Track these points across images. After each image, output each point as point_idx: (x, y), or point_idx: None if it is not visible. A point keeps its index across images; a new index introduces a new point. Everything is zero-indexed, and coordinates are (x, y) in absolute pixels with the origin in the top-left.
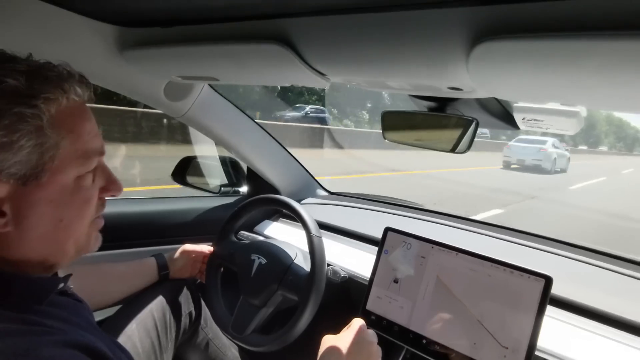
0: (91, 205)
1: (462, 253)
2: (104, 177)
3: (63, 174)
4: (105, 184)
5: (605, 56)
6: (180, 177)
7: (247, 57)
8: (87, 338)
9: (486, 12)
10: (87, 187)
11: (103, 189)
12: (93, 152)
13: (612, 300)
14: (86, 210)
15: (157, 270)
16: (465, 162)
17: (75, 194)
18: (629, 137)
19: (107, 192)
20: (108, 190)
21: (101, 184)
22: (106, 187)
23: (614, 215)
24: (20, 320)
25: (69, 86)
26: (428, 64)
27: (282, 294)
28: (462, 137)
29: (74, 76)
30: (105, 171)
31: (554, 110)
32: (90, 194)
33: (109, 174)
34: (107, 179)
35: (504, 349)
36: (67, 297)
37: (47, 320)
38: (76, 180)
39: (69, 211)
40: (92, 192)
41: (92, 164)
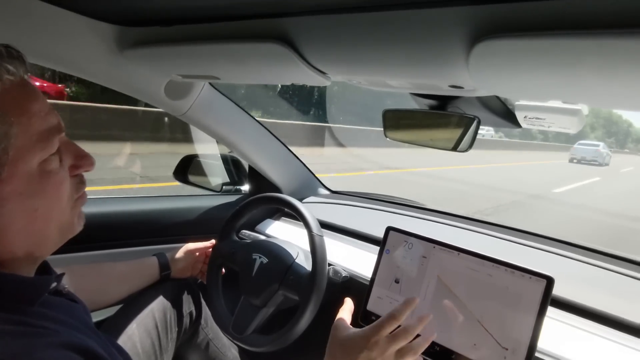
0: (65, 187)
1: (463, 253)
2: (72, 154)
3: (24, 163)
4: (74, 161)
5: (607, 54)
6: (182, 175)
7: (248, 56)
8: (82, 339)
9: (486, 11)
10: (55, 170)
11: (74, 167)
12: (50, 131)
13: (613, 301)
14: (61, 193)
15: (159, 270)
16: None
17: (43, 180)
18: (621, 133)
19: (79, 169)
20: (79, 166)
21: (70, 162)
22: (76, 164)
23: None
24: (12, 321)
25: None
26: (429, 62)
27: (283, 293)
28: (464, 136)
29: (1, 54)
30: (71, 148)
31: (555, 108)
32: (60, 177)
33: (76, 150)
34: (75, 155)
35: (504, 350)
36: (61, 297)
37: (40, 321)
38: (41, 166)
39: (42, 199)
40: (62, 174)
41: (53, 145)
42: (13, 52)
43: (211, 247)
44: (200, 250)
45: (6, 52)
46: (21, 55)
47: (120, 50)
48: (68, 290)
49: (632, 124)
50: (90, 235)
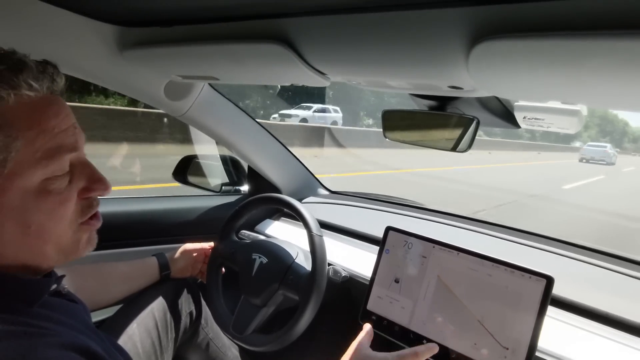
0: (67, 208)
1: (463, 252)
2: (85, 176)
3: (22, 178)
4: (87, 183)
5: (606, 55)
6: (181, 176)
7: (247, 56)
8: (82, 340)
9: (486, 12)
10: (57, 190)
11: (85, 189)
12: (59, 150)
13: (613, 300)
14: (60, 213)
15: (159, 270)
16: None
17: (41, 197)
18: (617, 132)
19: (91, 192)
20: (91, 190)
21: (82, 184)
22: (89, 187)
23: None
24: (13, 322)
25: (20, 81)
26: (428, 63)
27: (283, 293)
28: (463, 136)
29: (30, 68)
30: (86, 169)
31: (554, 109)
32: (64, 197)
33: (91, 172)
34: (89, 178)
35: (504, 350)
36: (61, 298)
37: (41, 322)
38: (43, 183)
39: (38, 216)
40: (67, 194)
41: (61, 164)
42: (46, 68)
43: (210, 249)
44: (199, 251)
45: (37, 67)
46: (55, 72)
47: (120, 50)
48: (68, 291)
49: (628, 123)
50: None
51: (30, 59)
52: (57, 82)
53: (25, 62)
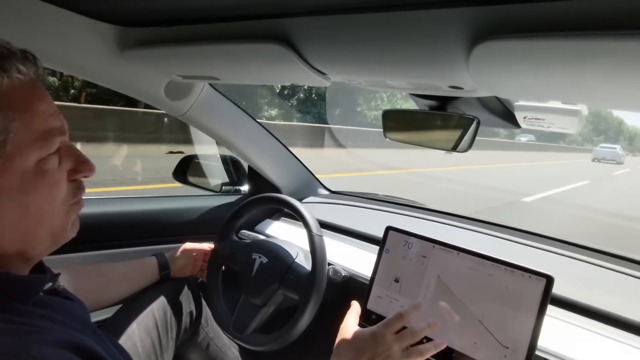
0: (60, 189)
1: (463, 252)
2: (72, 158)
3: (20, 158)
4: (74, 165)
5: (607, 55)
6: (181, 175)
7: (248, 56)
8: (78, 337)
9: (486, 12)
10: (51, 171)
11: (73, 171)
12: (52, 132)
13: (613, 300)
14: (55, 194)
15: (158, 270)
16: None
17: (38, 178)
18: (611, 130)
19: (78, 174)
20: (78, 171)
21: (69, 166)
22: (76, 168)
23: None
24: (6, 320)
25: (10, 65)
26: (428, 63)
27: (283, 293)
28: (464, 136)
29: (15, 54)
30: (72, 152)
31: (555, 108)
32: (57, 177)
33: (77, 155)
34: (76, 160)
35: (504, 349)
36: (57, 296)
37: (35, 320)
38: (38, 164)
39: (35, 197)
40: (59, 175)
41: (53, 145)
42: (28, 55)
43: (209, 250)
44: (199, 251)
45: (21, 54)
46: (36, 59)
47: (120, 50)
48: (63, 289)
49: (623, 121)
50: (90, 235)
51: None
52: (40, 68)
53: (10, 49)
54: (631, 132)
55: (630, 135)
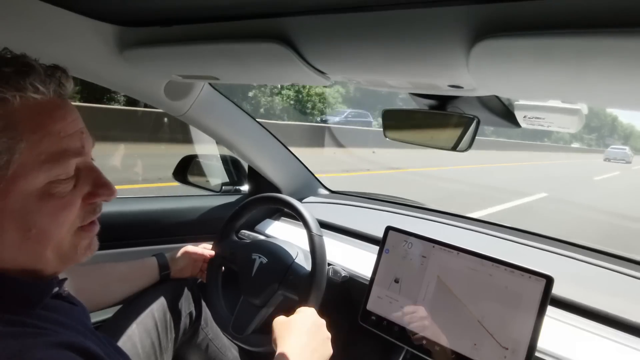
0: (70, 212)
1: (463, 252)
2: (90, 181)
3: (25, 180)
4: (92, 188)
5: (607, 54)
6: (181, 175)
7: (247, 56)
8: (81, 340)
9: (486, 10)
10: (61, 193)
11: (90, 194)
12: (64, 153)
13: (613, 300)
14: (63, 217)
15: (158, 270)
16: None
17: (44, 200)
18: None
19: (96, 197)
20: (96, 195)
21: (87, 189)
22: (93, 192)
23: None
24: (11, 322)
25: (27, 83)
26: (428, 62)
27: (282, 293)
28: (463, 135)
29: (37, 71)
30: (92, 174)
31: (555, 108)
32: (67, 200)
33: (97, 177)
34: (95, 183)
35: (504, 350)
36: (61, 300)
37: (40, 322)
38: (47, 186)
39: (39, 219)
40: (70, 198)
41: (65, 167)
42: (54, 72)
43: (210, 257)
44: (199, 256)
45: (44, 70)
46: (61, 76)
47: (120, 50)
48: (68, 293)
49: (617, 118)
50: None
51: (40, 63)
52: (64, 86)
53: (33, 65)
54: (626, 129)
55: (626, 134)
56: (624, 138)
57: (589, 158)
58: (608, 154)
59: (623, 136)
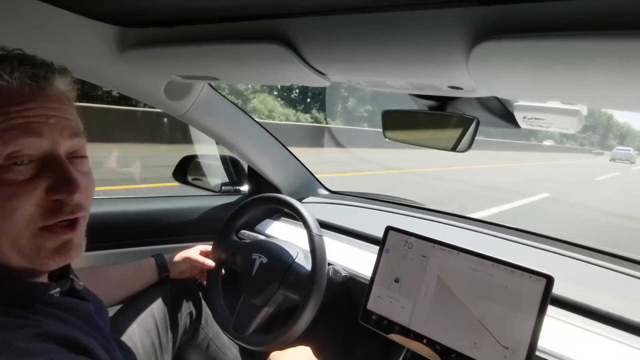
0: (20, 203)
1: (463, 252)
2: (53, 174)
3: None
4: (53, 182)
5: (606, 55)
6: (181, 176)
7: (247, 57)
8: (75, 333)
9: (486, 12)
10: (12, 181)
11: (50, 188)
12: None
13: (613, 300)
14: (10, 207)
15: (157, 272)
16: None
17: None
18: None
19: (56, 194)
20: (56, 190)
21: (47, 182)
22: (53, 185)
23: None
24: (6, 313)
25: None
26: (428, 63)
27: (283, 293)
28: (463, 136)
29: (7, 60)
30: (56, 167)
31: (554, 109)
32: (17, 190)
33: (61, 171)
34: (57, 177)
35: (505, 349)
36: (73, 296)
37: (35, 315)
38: None
39: None
40: (22, 188)
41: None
42: (23, 60)
43: (210, 267)
44: (200, 263)
45: (17, 60)
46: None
47: (120, 51)
48: (83, 288)
49: (612, 117)
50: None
51: (15, 52)
52: (38, 77)
53: (5, 56)
54: (622, 128)
55: (622, 133)
56: (620, 137)
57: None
58: (614, 154)
59: (619, 135)
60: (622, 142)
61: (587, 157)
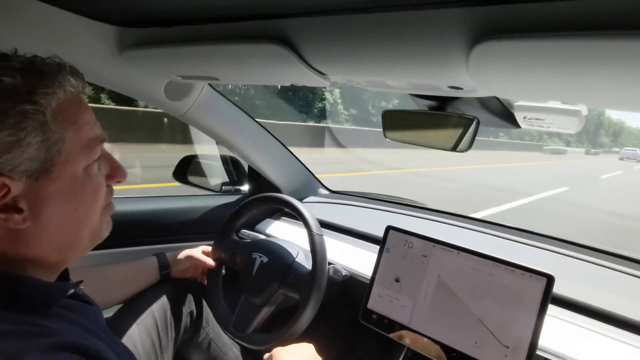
0: (102, 193)
1: (463, 252)
2: (108, 165)
3: (72, 165)
4: (110, 171)
5: (606, 55)
6: (181, 175)
7: (247, 57)
8: (88, 339)
9: (485, 12)
10: (95, 176)
11: (109, 176)
12: (95, 140)
13: (614, 299)
14: (98, 197)
15: (159, 270)
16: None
17: (85, 183)
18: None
19: (113, 179)
20: (113, 177)
21: (106, 171)
22: (111, 174)
23: None
24: (19, 322)
25: (63, 78)
26: (428, 63)
27: (283, 292)
28: (463, 136)
29: (65, 68)
30: (108, 158)
31: (554, 109)
32: (99, 182)
33: (112, 161)
34: (111, 166)
35: (505, 348)
36: (77, 299)
37: (49, 321)
38: (85, 170)
39: (82, 200)
40: (100, 180)
41: (96, 153)
42: (75, 70)
43: (211, 267)
44: (202, 262)
45: (69, 68)
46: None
47: (120, 51)
48: (83, 293)
49: (603, 113)
50: None
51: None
52: (85, 82)
53: (61, 64)
54: (616, 125)
55: (615, 130)
56: (613, 135)
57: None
58: (622, 154)
59: (612, 133)
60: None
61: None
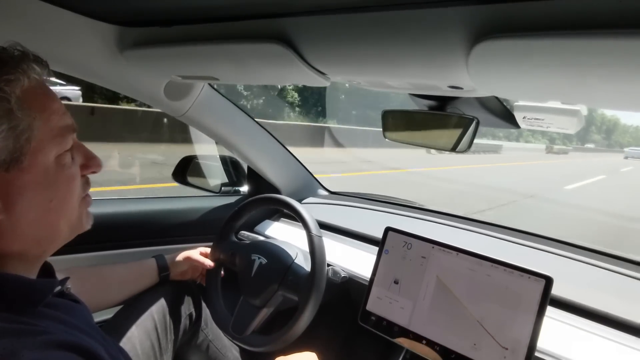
0: (76, 183)
1: (462, 253)
2: (82, 154)
3: (43, 154)
4: (85, 161)
5: (606, 55)
6: (180, 176)
7: (247, 56)
8: (80, 338)
9: (485, 11)
10: (68, 165)
11: (83, 166)
12: (66, 129)
13: (612, 300)
14: (73, 187)
15: (157, 272)
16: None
17: (58, 173)
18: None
19: (88, 169)
20: (88, 167)
21: (80, 161)
22: (86, 164)
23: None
24: (9, 320)
25: (27, 66)
26: (428, 63)
27: (282, 294)
28: (463, 136)
29: (28, 55)
30: (82, 149)
31: (554, 109)
32: (73, 172)
33: (86, 151)
34: (86, 156)
35: (504, 350)
36: (64, 298)
37: (39, 320)
38: (57, 160)
39: (57, 191)
40: (74, 170)
41: (68, 142)
42: (38, 57)
43: (210, 267)
44: (200, 264)
45: (33, 55)
46: (45, 61)
47: (120, 50)
48: (70, 292)
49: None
50: (90, 236)
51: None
52: (49, 70)
53: (23, 50)
54: (610, 122)
55: (608, 127)
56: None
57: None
58: (627, 153)
59: (605, 130)
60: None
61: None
